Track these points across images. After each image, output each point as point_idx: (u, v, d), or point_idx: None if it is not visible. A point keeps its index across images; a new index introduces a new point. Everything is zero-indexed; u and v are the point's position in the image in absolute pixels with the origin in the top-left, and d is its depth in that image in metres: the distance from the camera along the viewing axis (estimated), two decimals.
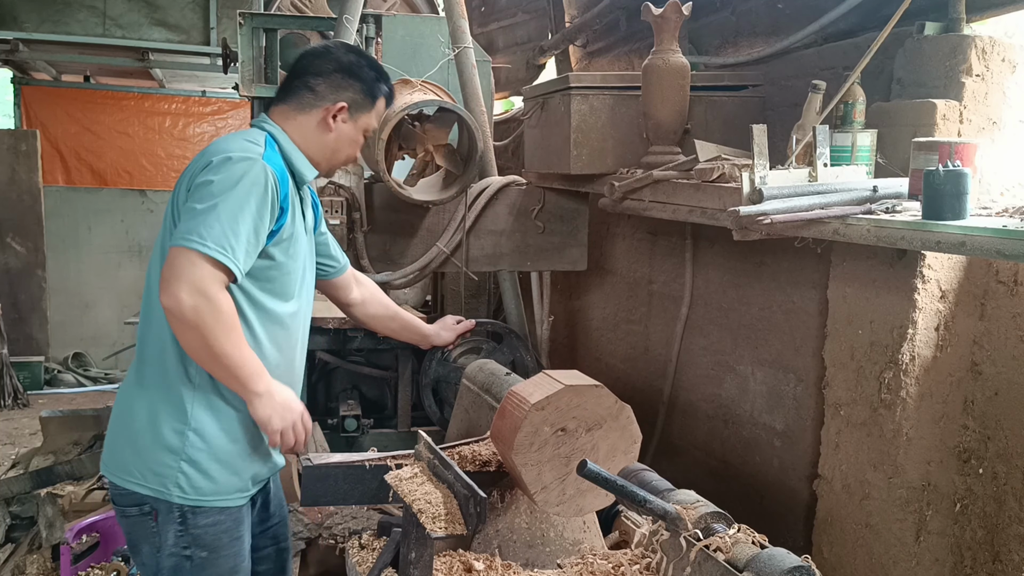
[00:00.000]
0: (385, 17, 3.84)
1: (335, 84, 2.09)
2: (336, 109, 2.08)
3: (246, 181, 1.85)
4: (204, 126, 8.61)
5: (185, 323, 1.79)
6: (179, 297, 1.77)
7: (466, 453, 2.34)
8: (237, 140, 1.98)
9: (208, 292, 1.78)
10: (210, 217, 1.80)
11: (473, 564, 2.26)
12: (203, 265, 1.79)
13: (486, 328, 3.73)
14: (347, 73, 2.10)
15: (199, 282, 1.78)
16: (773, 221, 2.12)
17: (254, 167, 1.88)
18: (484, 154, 3.68)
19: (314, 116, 2.09)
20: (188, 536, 1.97)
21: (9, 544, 3.95)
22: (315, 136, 2.10)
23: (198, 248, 1.78)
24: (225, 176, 1.85)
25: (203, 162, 1.91)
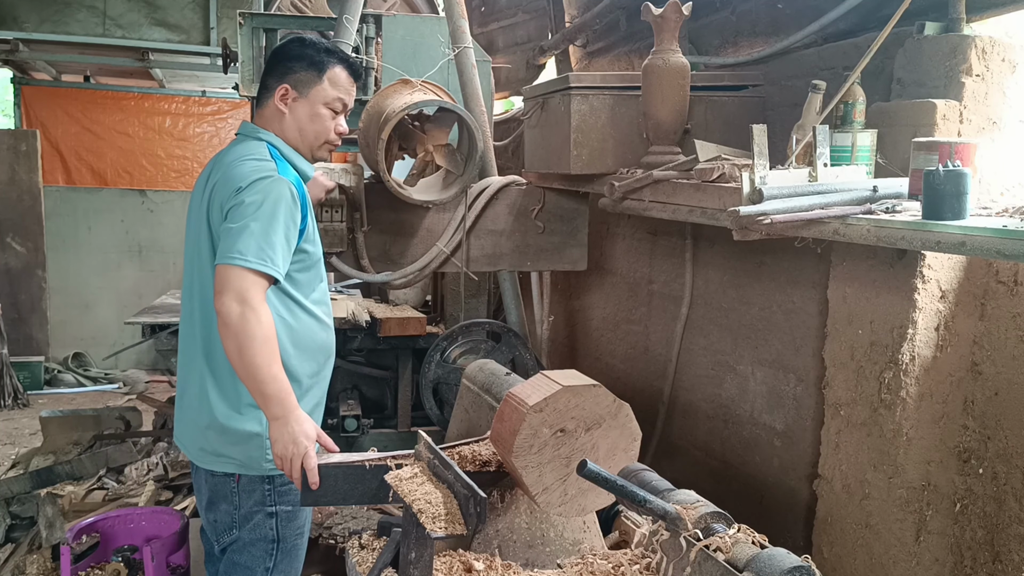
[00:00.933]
0: (385, 17, 3.84)
1: (276, 72, 2.29)
2: (281, 92, 2.26)
3: (271, 198, 2.09)
4: (204, 126, 8.61)
5: (230, 328, 2.00)
6: (228, 305, 2.00)
7: (466, 453, 2.34)
8: (249, 163, 2.17)
9: (252, 301, 2.01)
10: (245, 234, 2.04)
11: (473, 564, 2.26)
12: (246, 276, 2.03)
13: (486, 328, 3.74)
14: (284, 58, 2.29)
15: (244, 292, 2.01)
16: (773, 221, 2.12)
17: (277, 184, 2.11)
18: (484, 154, 3.68)
19: (270, 107, 2.29)
20: (275, 494, 2.27)
21: (9, 544, 3.95)
22: (280, 125, 2.29)
23: (240, 263, 2.03)
24: (251, 197, 2.08)
25: (230, 189, 2.13)
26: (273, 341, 2.04)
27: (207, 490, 2.33)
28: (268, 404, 2.04)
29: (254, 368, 2.01)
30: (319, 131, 2.31)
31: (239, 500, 2.29)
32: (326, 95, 2.29)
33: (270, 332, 2.04)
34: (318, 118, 2.30)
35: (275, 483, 2.28)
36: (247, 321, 2.00)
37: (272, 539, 2.32)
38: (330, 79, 2.29)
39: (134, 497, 3.97)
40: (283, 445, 2.04)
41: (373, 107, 3.36)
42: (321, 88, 2.28)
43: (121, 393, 7.53)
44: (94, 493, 4.03)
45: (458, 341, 3.67)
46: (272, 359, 2.03)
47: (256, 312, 2.01)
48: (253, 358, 2.00)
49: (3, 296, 7.33)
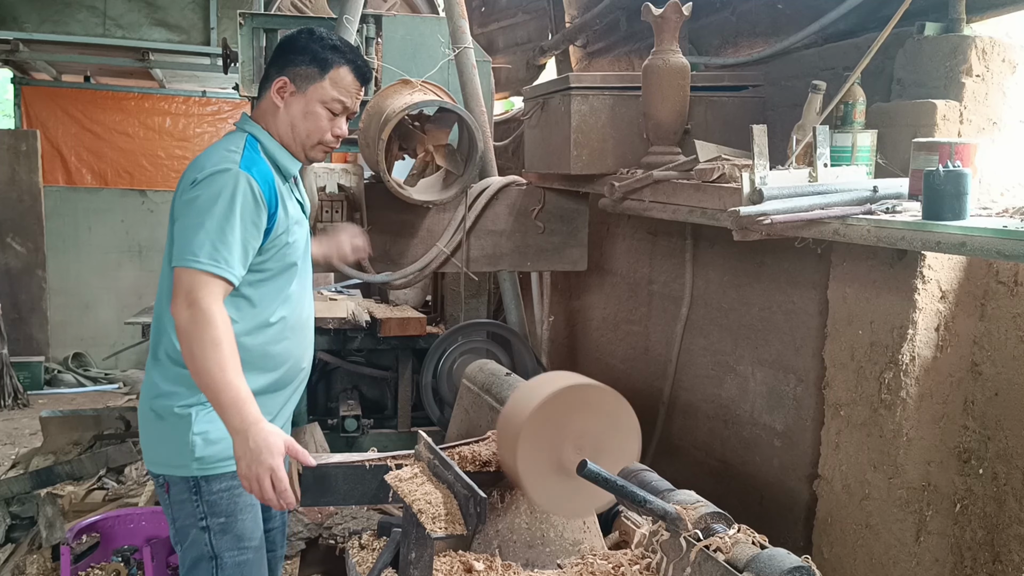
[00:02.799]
0: (385, 17, 3.84)
1: (279, 63, 2.15)
2: (279, 84, 2.12)
3: (226, 193, 1.94)
4: (204, 126, 8.60)
5: (182, 333, 1.88)
6: (179, 309, 1.89)
7: (466, 453, 2.34)
8: (217, 152, 2.04)
9: (201, 304, 1.87)
10: (200, 234, 1.91)
11: (473, 564, 2.26)
12: (198, 278, 1.90)
13: (486, 328, 3.74)
14: (289, 50, 2.14)
15: (195, 294, 1.88)
16: (773, 221, 2.12)
17: (232, 178, 1.96)
18: (484, 154, 3.68)
19: (268, 99, 2.15)
20: (203, 505, 2.04)
21: (9, 544, 3.95)
22: (273, 119, 2.14)
23: (192, 265, 1.90)
24: (206, 192, 1.95)
25: (188, 180, 2.01)
26: (227, 345, 1.87)
27: None
28: (226, 415, 1.86)
29: (206, 374, 1.85)
30: (312, 130, 2.15)
31: (172, 513, 2.09)
32: (324, 94, 2.13)
33: (223, 335, 1.87)
34: (312, 116, 2.13)
35: (201, 489, 2.04)
36: (196, 324, 1.86)
37: (209, 556, 2.08)
38: (332, 79, 2.13)
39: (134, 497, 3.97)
40: (246, 463, 1.83)
41: (373, 107, 3.36)
42: (320, 86, 2.12)
43: (121, 393, 7.53)
44: (94, 493, 4.02)
45: (458, 341, 3.67)
46: (226, 364, 1.85)
47: (206, 314, 1.86)
48: (204, 363, 1.85)
49: (3, 296, 7.32)
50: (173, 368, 2.06)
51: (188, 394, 2.03)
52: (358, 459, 2.13)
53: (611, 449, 2.11)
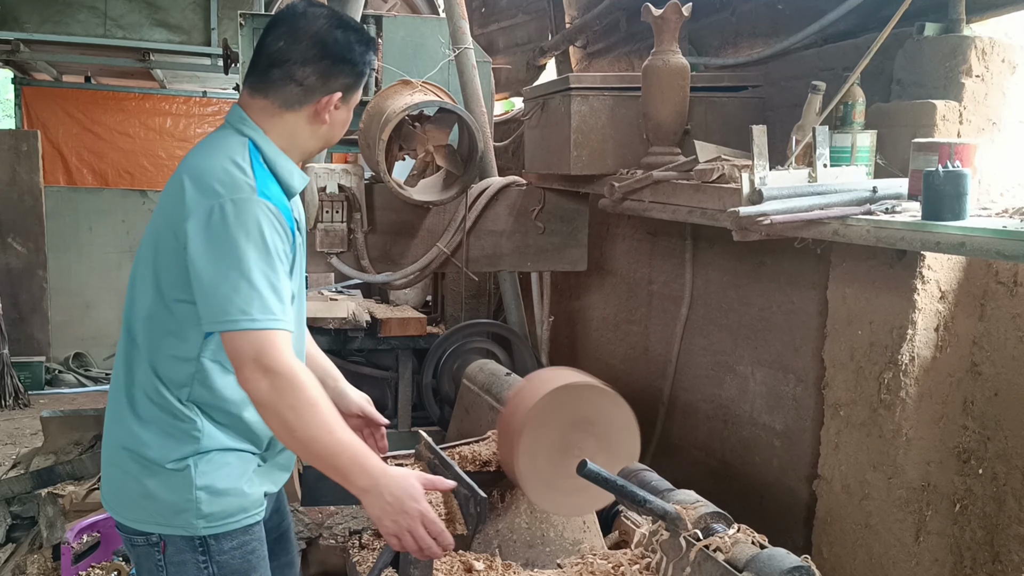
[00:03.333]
0: (386, 18, 3.84)
1: (325, 73, 1.79)
2: (334, 101, 1.81)
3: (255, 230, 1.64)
4: (205, 127, 8.60)
5: (267, 408, 1.62)
6: (254, 382, 1.61)
7: (466, 453, 2.35)
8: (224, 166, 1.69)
9: (279, 367, 1.60)
10: (243, 287, 1.62)
11: (473, 564, 2.26)
12: (262, 341, 1.61)
13: (487, 329, 3.74)
14: (336, 58, 1.79)
15: (264, 359, 1.60)
16: (773, 222, 2.12)
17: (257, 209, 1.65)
18: (484, 155, 3.69)
19: (304, 113, 1.81)
20: (214, 566, 1.76)
21: (10, 544, 3.95)
22: (306, 132, 1.83)
23: (249, 327, 1.61)
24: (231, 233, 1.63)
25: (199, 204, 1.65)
26: (323, 402, 1.64)
27: (133, 560, 1.84)
28: (348, 478, 1.63)
29: (313, 443, 1.62)
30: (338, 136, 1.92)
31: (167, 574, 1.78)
32: (358, 98, 1.90)
33: (316, 393, 1.63)
34: (346, 123, 1.90)
35: (211, 549, 1.76)
36: (283, 392, 1.60)
37: None
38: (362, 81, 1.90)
39: None
40: (391, 520, 1.63)
41: (374, 108, 3.36)
42: (359, 93, 1.89)
43: None
44: (95, 493, 4.02)
45: (459, 341, 3.68)
46: (329, 425, 1.62)
47: (290, 378, 1.61)
48: (308, 431, 1.61)
49: (4, 296, 7.32)
50: (158, 416, 1.74)
51: (179, 446, 1.73)
52: None
53: (611, 449, 2.11)
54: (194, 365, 1.73)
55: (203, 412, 1.74)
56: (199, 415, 1.74)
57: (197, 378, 1.73)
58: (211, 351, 1.73)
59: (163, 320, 1.74)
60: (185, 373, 1.73)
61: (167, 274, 1.72)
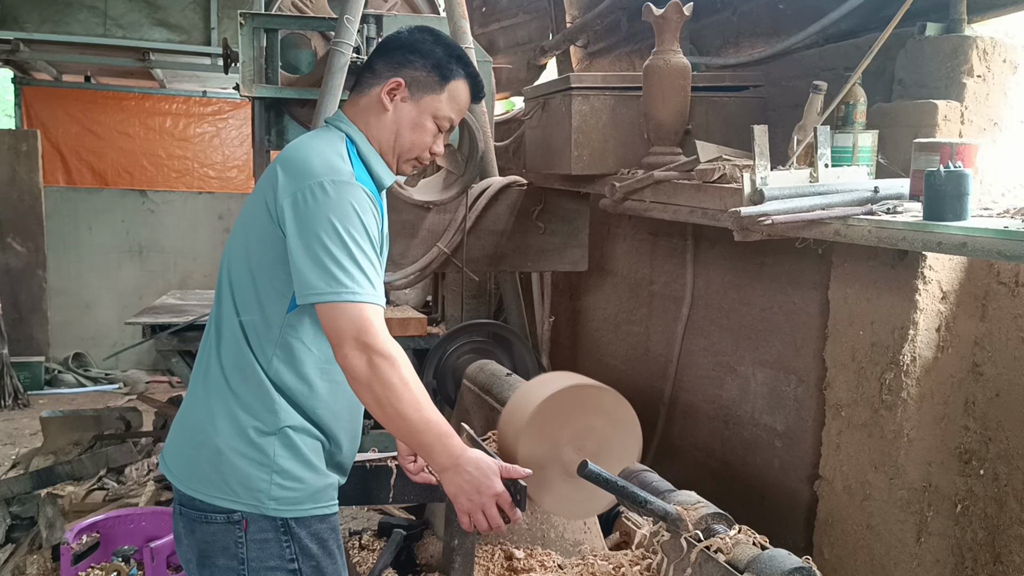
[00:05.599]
0: (386, 17, 3.84)
1: (394, 60, 1.89)
2: (392, 85, 1.86)
3: (352, 209, 1.71)
4: (205, 126, 8.61)
5: (362, 383, 1.69)
6: (352, 358, 1.67)
7: None
8: (325, 153, 1.78)
9: (377, 345, 1.67)
10: (344, 261, 1.68)
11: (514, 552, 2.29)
12: (362, 314, 1.68)
13: (487, 329, 3.74)
14: (409, 49, 1.89)
15: (364, 335, 1.67)
16: (774, 222, 2.12)
17: (355, 192, 1.73)
18: (485, 154, 3.68)
19: (372, 96, 1.89)
20: (296, 546, 1.80)
21: (9, 544, 3.95)
22: (376, 120, 1.89)
23: (349, 299, 1.67)
24: (330, 210, 1.70)
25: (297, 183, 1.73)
26: (413, 381, 1.71)
27: (196, 541, 1.83)
28: (431, 455, 1.72)
29: (401, 419, 1.69)
30: (416, 143, 1.91)
31: (247, 553, 1.79)
32: (439, 108, 1.90)
33: (408, 372, 1.71)
34: (420, 129, 1.90)
35: (292, 530, 1.80)
36: (380, 370, 1.66)
37: None
38: (451, 92, 1.91)
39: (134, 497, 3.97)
40: (466, 498, 1.71)
41: None
42: (437, 98, 1.89)
43: (121, 393, 7.53)
44: (94, 493, 4.02)
45: (459, 342, 3.67)
46: (418, 404, 1.69)
47: (387, 356, 1.67)
48: (398, 407, 1.68)
49: (3, 296, 7.32)
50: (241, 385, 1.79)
51: (261, 414, 1.79)
52: (359, 459, 2.13)
53: (612, 450, 2.11)
54: (276, 339, 1.79)
55: (280, 390, 1.80)
56: (277, 392, 1.79)
57: (277, 354, 1.79)
58: (292, 328, 1.79)
59: (251, 294, 1.80)
60: (269, 346, 1.79)
61: (258, 250, 1.79)
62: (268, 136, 4.12)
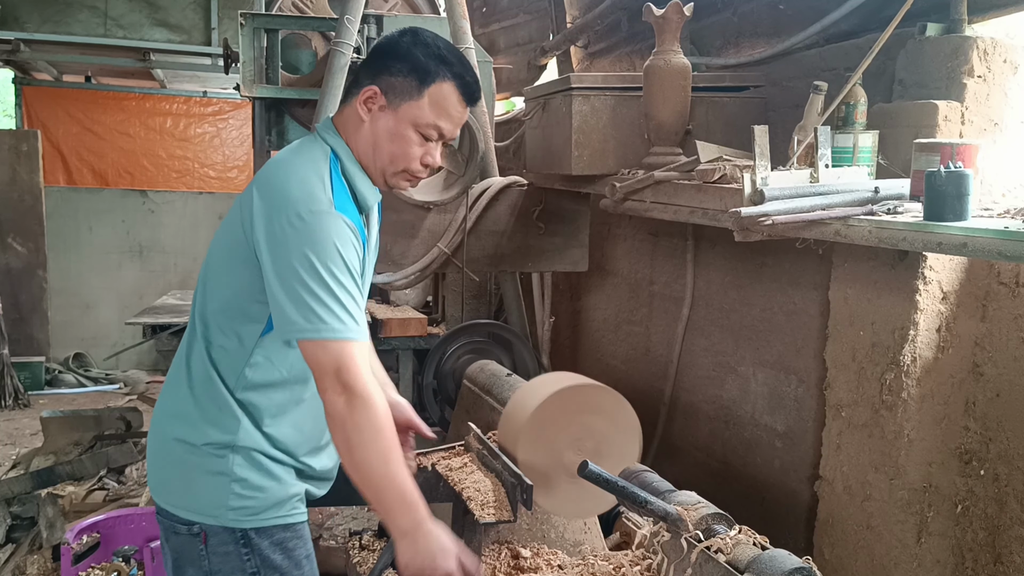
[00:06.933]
0: (386, 17, 3.84)
1: (372, 67, 1.77)
2: (367, 94, 1.74)
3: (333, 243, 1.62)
4: (205, 126, 8.61)
5: (335, 421, 1.63)
6: (331, 395, 1.62)
7: None
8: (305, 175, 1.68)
9: (356, 386, 1.60)
10: (324, 296, 1.60)
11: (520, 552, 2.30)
12: (343, 351, 1.61)
13: (487, 329, 3.73)
14: (388, 54, 1.75)
15: (344, 374, 1.60)
16: (774, 222, 2.12)
17: (334, 223, 1.64)
18: (485, 155, 3.68)
19: (353, 106, 1.78)
20: (256, 558, 1.77)
21: (10, 544, 3.95)
22: (355, 132, 1.78)
23: (330, 336, 1.61)
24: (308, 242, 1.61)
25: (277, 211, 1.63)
26: (388, 430, 1.63)
27: (171, 549, 1.82)
28: (389, 515, 1.64)
29: (367, 468, 1.61)
30: (396, 155, 1.78)
31: (211, 565, 1.76)
32: (419, 115, 1.75)
33: (384, 420, 1.63)
34: (400, 139, 1.76)
35: (252, 542, 1.76)
36: (355, 410, 1.60)
37: None
38: (432, 97, 1.75)
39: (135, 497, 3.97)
40: (416, 569, 1.62)
41: None
42: (416, 105, 1.75)
43: (122, 393, 7.53)
44: (95, 493, 4.03)
45: (459, 342, 3.67)
46: (389, 456, 1.62)
47: (364, 398, 1.61)
48: (365, 455, 1.61)
49: (4, 296, 7.32)
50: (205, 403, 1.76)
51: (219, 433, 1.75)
52: None
53: (612, 450, 2.11)
54: (245, 361, 1.75)
55: (246, 410, 1.76)
56: (242, 413, 1.75)
57: (244, 374, 1.75)
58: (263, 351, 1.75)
59: (225, 316, 1.75)
60: (237, 368, 1.75)
61: (233, 275, 1.73)
62: (269, 136, 4.13)
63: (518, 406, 2.16)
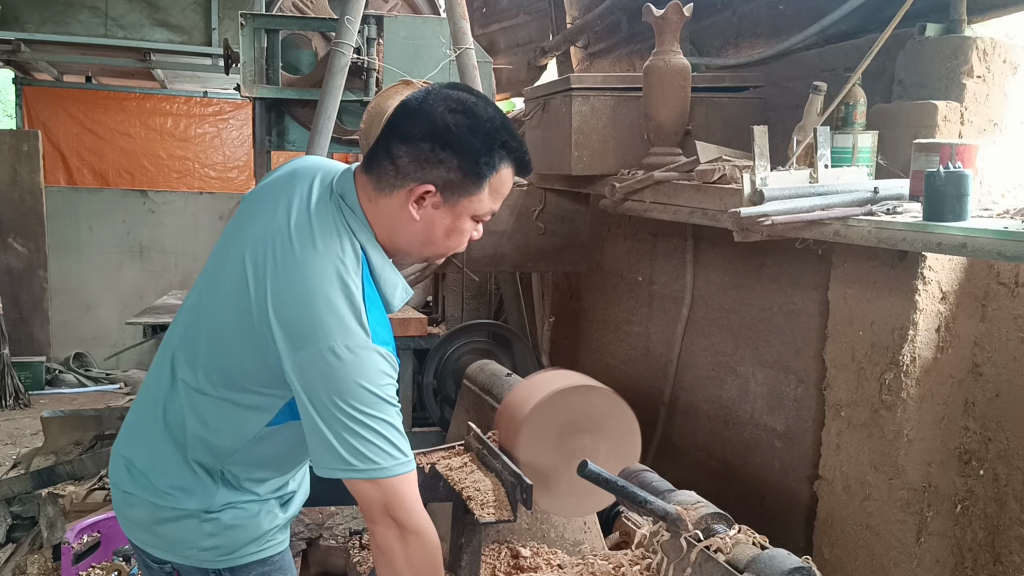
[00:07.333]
0: (386, 18, 3.84)
1: (422, 157, 1.54)
2: (420, 192, 1.54)
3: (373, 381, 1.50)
4: (206, 127, 8.62)
5: (387, 556, 1.56)
6: (386, 536, 1.54)
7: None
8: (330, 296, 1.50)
9: (410, 522, 1.54)
10: (363, 435, 1.50)
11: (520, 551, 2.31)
12: (392, 488, 1.53)
13: (487, 329, 3.74)
14: (439, 142, 1.53)
15: (398, 511, 1.53)
16: (774, 222, 2.12)
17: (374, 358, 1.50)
18: None
19: (396, 199, 1.56)
20: None
21: (10, 544, 3.95)
22: (401, 226, 1.59)
23: (376, 476, 1.51)
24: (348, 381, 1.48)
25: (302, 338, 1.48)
26: (439, 567, 1.59)
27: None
28: None
29: None
30: (451, 247, 1.64)
31: None
32: (480, 207, 1.59)
33: (436, 557, 1.58)
34: (457, 233, 1.61)
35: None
36: (410, 551, 1.55)
37: None
38: (492, 185, 1.58)
39: None
40: None
41: (374, 108, 3.36)
42: (477, 199, 1.57)
43: (122, 393, 7.53)
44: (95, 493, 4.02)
45: (459, 342, 3.68)
46: None
47: (420, 537, 1.55)
48: None
49: (4, 296, 7.33)
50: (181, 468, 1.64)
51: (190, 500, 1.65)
52: None
53: (612, 449, 2.11)
54: (239, 444, 1.63)
55: (226, 479, 1.66)
56: (221, 483, 1.65)
57: (238, 457, 1.64)
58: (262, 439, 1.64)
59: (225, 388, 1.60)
60: (228, 446, 1.63)
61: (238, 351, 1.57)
62: (269, 136, 4.13)
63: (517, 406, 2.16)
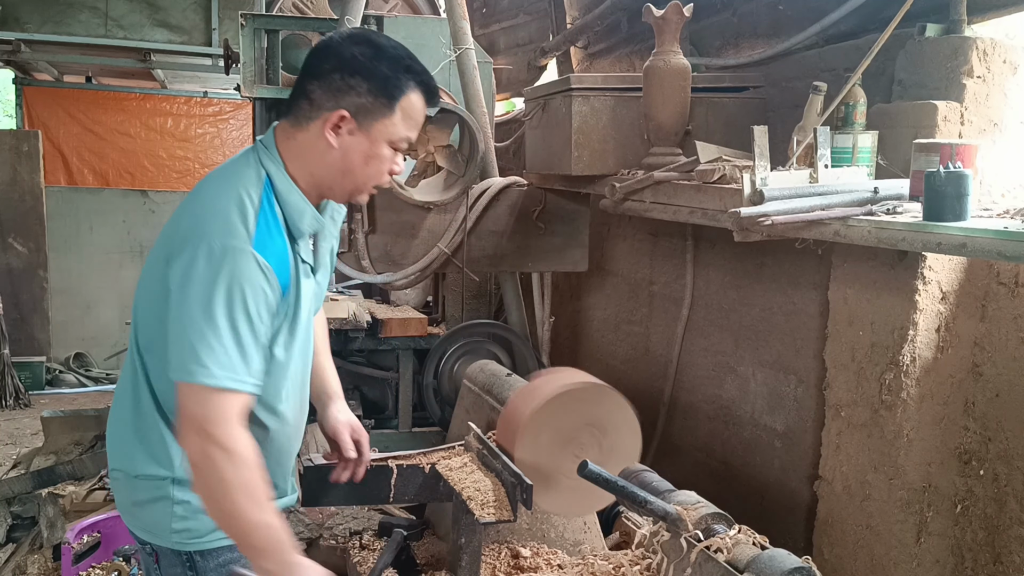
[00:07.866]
0: (386, 18, 3.84)
1: (333, 87, 1.63)
2: (335, 119, 1.63)
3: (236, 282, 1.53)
4: (206, 127, 8.62)
5: (196, 469, 1.55)
6: (189, 440, 1.54)
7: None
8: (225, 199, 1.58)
9: (218, 435, 1.52)
10: (207, 336, 1.51)
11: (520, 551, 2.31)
12: (212, 400, 1.52)
13: (487, 329, 3.74)
14: (348, 70, 1.62)
15: (208, 422, 1.52)
16: (774, 222, 2.12)
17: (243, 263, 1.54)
18: (485, 155, 3.69)
19: (313, 131, 1.65)
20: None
21: (10, 544, 3.95)
22: (319, 156, 1.66)
23: (203, 380, 1.51)
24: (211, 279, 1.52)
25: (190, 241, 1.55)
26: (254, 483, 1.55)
27: (142, 561, 1.82)
28: (257, 557, 1.57)
29: (231, 518, 1.55)
30: (371, 176, 1.69)
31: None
32: (394, 132, 1.66)
33: (249, 473, 1.54)
34: (376, 160, 1.67)
35: (197, 566, 1.71)
36: (214, 463, 1.51)
37: None
38: (404, 109, 1.65)
39: None
40: None
41: None
42: (390, 122, 1.65)
43: None
44: (95, 493, 4.02)
45: (459, 342, 3.68)
46: (253, 504, 1.54)
47: (226, 449, 1.51)
48: (231, 507, 1.53)
49: (5, 296, 7.32)
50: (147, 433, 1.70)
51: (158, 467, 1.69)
52: None
53: (612, 449, 2.11)
54: None
55: None
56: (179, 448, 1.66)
57: None
58: None
59: (160, 348, 1.64)
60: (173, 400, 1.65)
61: (160, 304, 1.62)
62: None
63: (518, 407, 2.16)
